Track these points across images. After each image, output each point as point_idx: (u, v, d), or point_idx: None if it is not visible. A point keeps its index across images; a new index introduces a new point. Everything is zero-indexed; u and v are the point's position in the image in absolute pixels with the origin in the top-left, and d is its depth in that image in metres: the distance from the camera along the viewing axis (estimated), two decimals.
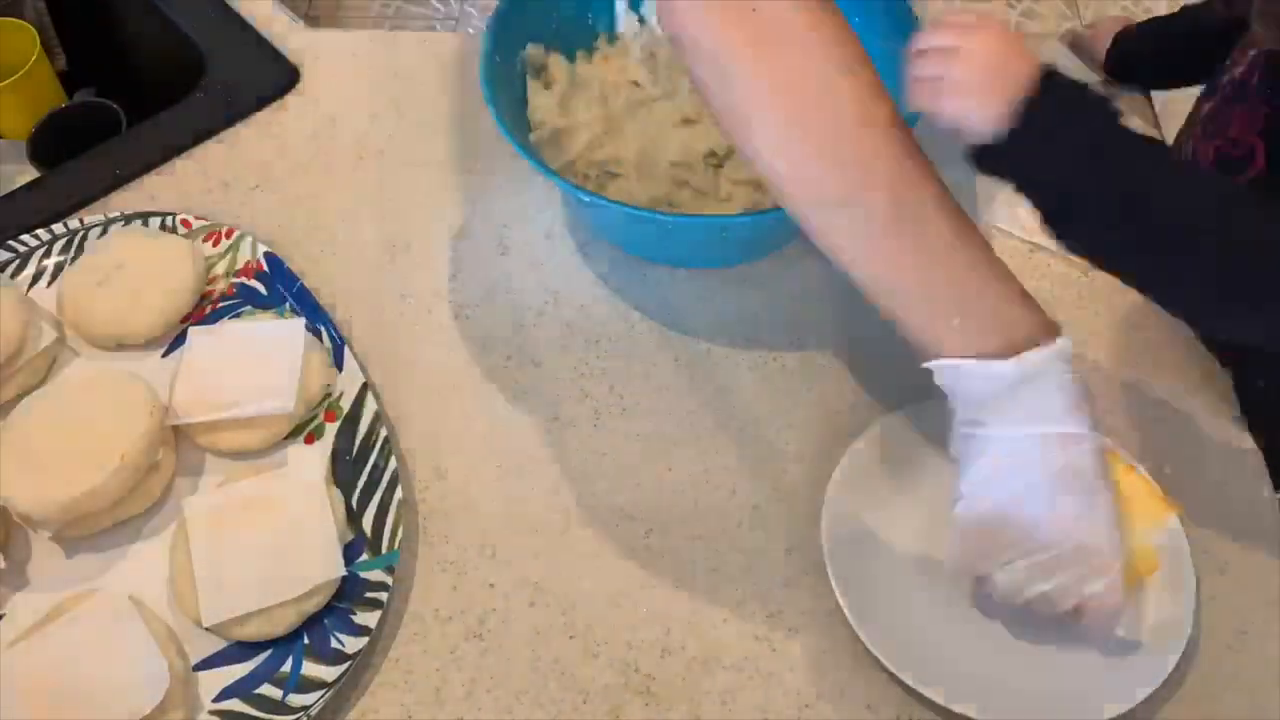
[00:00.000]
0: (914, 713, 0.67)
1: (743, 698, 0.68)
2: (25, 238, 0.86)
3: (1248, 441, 0.77)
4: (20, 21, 1.09)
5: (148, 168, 0.93)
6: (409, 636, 0.71)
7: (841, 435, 0.77)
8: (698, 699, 0.68)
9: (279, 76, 0.99)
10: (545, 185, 0.91)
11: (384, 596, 0.69)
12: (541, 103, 0.85)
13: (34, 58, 1.07)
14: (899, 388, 0.80)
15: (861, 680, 0.68)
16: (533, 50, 0.85)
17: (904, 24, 0.77)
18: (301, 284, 0.83)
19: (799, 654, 0.70)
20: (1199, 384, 0.80)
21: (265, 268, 0.84)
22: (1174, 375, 0.80)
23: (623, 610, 0.71)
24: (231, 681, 0.68)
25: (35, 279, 0.85)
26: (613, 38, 0.91)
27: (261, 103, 0.97)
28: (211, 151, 0.94)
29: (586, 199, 0.74)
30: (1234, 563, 0.72)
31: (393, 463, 0.74)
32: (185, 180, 0.92)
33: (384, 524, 0.72)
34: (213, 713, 0.67)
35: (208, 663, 0.69)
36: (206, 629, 0.68)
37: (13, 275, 0.85)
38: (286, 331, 0.78)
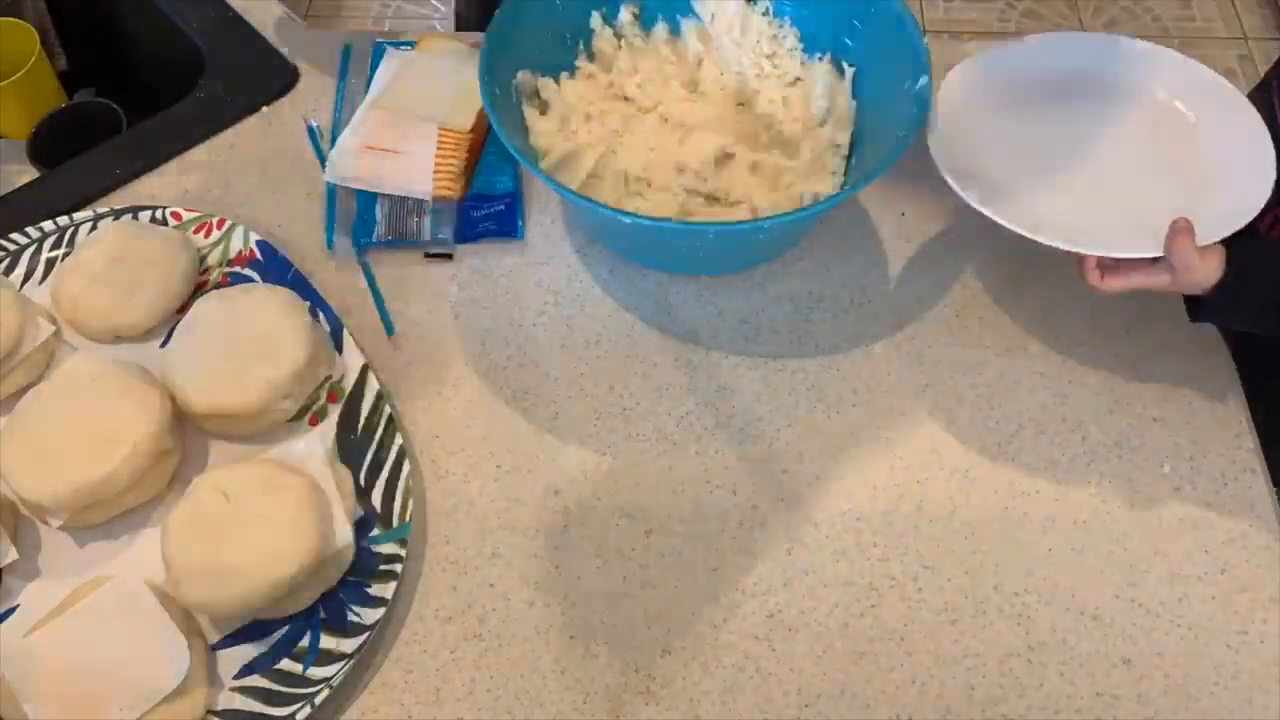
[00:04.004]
0: (913, 712, 0.67)
1: (743, 698, 0.68)
2: (15, 236, 0.86)
3: (1249, 441, 0.77)
4: (20, 21, 1.09)
5: (148, 168, 0.93)
6: (409, 636, 0.71)
7: (842, 435, 0.78)
8: (698, 699, 0.68)
9: (279, 76, 0.99)
10: (544, 186, 0.91)
11: (398, 568, 0.70)
12: (543, 128, 0.85)
13: (34, 58, 1.07)
14: (900, 386, 0.80)
15: (861, 680, 0.69)
16: (523, 76, 0.85)
17: (918, 64, 0.78)
18: (296, 269, 0.84)
19: (799, 654, 0.70)
20: (1199, 384, 0.80)
21: (259, 255, 0.85)
22: (1174, 376, 0.80)
23: (623, 610, 0.71)
24: (251, 658, 0.69)
25: (27, 276, 0.85)
26: (591, 55, 0.91)
27: (261, 103, 0.97)
28: (211, 151, 0.94)
29: (629, 220, 0.73)
30: (1234, 563, 0.72)
31: (398, 439, 0.75)
32: (185, 180, 0.92)
33: (393, 498, 0.73)
34: (235, 689, 0.68)
35: (226, 641, 0.70)
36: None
37: (4, 273, 0.85)
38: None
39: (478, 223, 0.88)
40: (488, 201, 0.89)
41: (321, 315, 0.81)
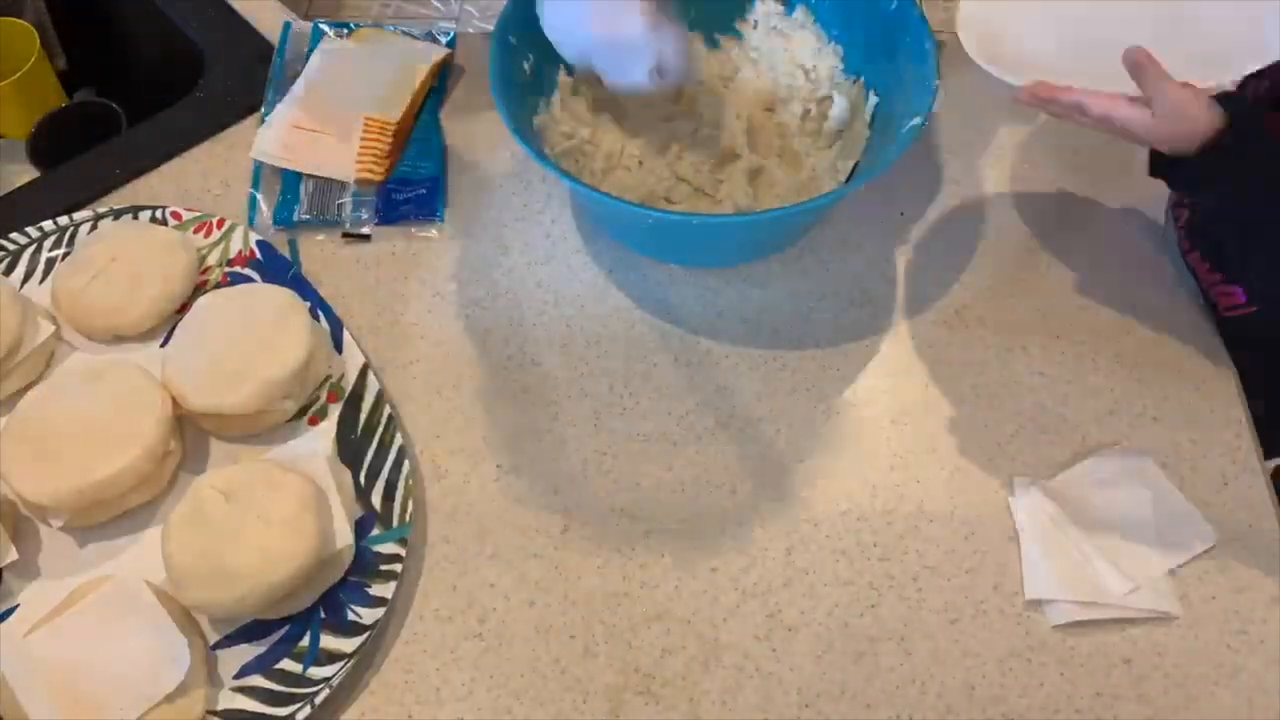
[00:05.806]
0: (913, 712, 0.67)
1: (743, 698, 0.68)
2: (15, 235, 0.86)
3: (1248, 441, 0.77)
4: (20, 21, 1.09)
5: (148, 168, 0.93)
6: (409, 636, 0.71)
7: (842, 436, 0.78)
8: (698, 699, 0.68)
9: None
10: (545, 185, 0.91)
11: (398, 568, 0.70)
12: (566, 114, 0.86)
13: (34, 58, 1.07)
14: (900, 386, 0.80)
15: (862, 679, 0.69)
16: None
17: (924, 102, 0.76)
18: (296, 270, 0.84)
19: (799, 654, 0.70)
20: (1199, 384, 0.80)
21: (259, 255, 0.85)
22: (1175, 375, 0.80)
23: (623, 610, 0.71)
24: (251, 658, 0.69)
25: (27, 276, 0.85)
26: None
27: (261, 102, 0.97)
28: (211, 151, 0.94)
29: (613, 203, 0.74)
30: (1234, 562, 0.72)
31: (398, 439, 0.75)
32: (185, 180, 0.92)
33: (393, 498, 0.73)
34: (235, 689, 0.68)
35: (226, 641, 0.70)
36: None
37: (4, 273, 0.85)
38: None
39: (398, 205, 0.89)
40: (410, 185, 0.90)
41: (321, 315, 0.81)
